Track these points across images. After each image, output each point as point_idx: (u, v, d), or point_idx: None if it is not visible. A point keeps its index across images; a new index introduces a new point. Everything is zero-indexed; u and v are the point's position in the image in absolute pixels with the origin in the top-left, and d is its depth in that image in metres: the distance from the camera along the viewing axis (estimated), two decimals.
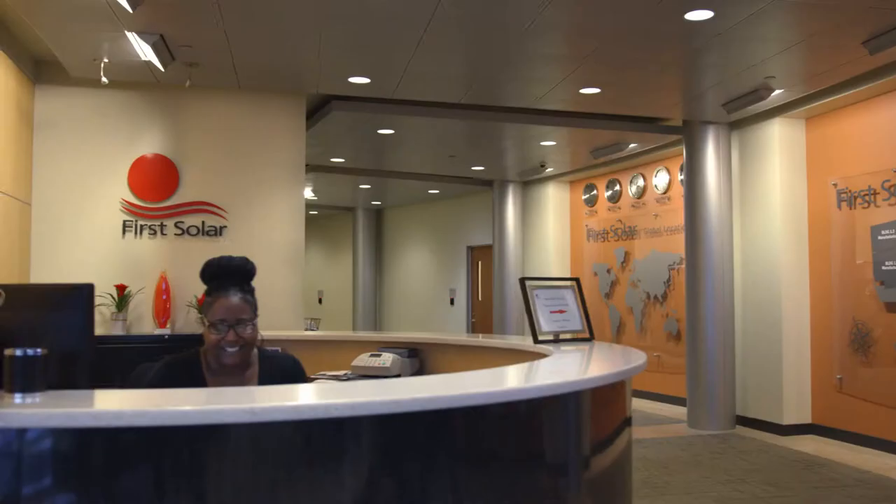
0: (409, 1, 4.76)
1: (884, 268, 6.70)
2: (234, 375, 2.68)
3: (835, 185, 7.30)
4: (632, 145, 8.98)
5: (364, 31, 5.35)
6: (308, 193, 12.62)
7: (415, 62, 5.91)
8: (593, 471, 2.87)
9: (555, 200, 11.43)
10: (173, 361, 2.67)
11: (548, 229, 11.45)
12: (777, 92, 6.82)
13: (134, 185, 6.69)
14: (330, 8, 4.92)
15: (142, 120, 6.77)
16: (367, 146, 9.18)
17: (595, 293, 10.79)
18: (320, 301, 16.03)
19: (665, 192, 9.60)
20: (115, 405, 1.82)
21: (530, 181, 11.61)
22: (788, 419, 7.53)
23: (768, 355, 7.70)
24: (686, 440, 7.42)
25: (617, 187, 10.48)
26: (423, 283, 14.05)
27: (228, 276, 2.68)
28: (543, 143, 9.00)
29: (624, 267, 10.28)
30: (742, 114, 7.71)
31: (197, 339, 6.10)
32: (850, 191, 7.14)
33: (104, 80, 5.87)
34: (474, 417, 2.19)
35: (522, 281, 4.03)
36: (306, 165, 10.08)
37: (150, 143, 6.77)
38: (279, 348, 4.05)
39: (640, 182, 10.05)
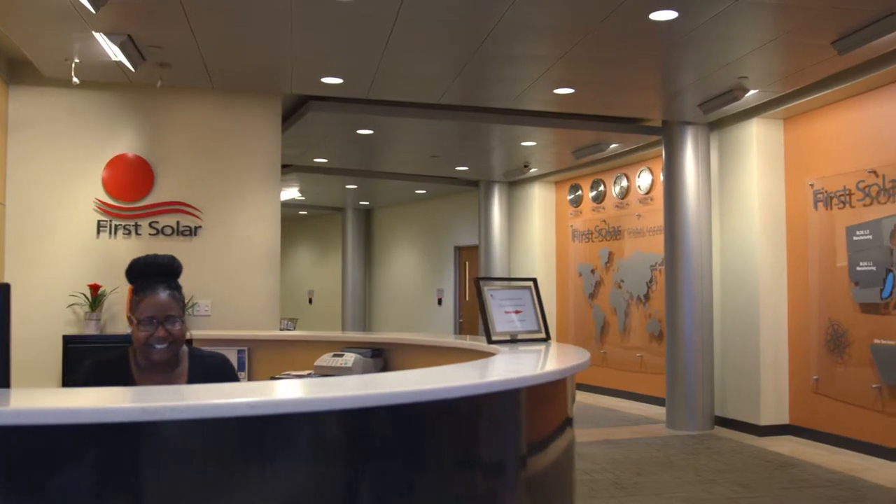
0: (373, 1, 4.76)
1: (858, 268, 6.69)
2: (163, 373, 2.69)
3: (812, 185, 7.30)
4: (613, 145, 8.98)
5: (332, 32, 5.36)
6: (294, 193, 12.65)
7: (385, 63, 5.91)
8: (530, 470, 2.86)
9: (540, 201, 11.43)
10: (103, 360, 2.68)
11: (533, 229, 11.45)
12: (752, 92, 6.82)
13: (108, 185, 6.70)
14: (296, 8, 4.93)
15: (116, 120, 6.78)
16: (348, 146, 9.19)
17: (580, 293, 10.80)
18: (310, 301, 16.04)
19: (648, 193, 9.59)
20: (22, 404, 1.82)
21: (516, 181, 11.61)
22: (766, 420, 7.52)
23: (746, 356, 7.69)
24: (662, 441, 7.42)
25: (601, 188, 10.48)
26: (412, 283, 14.05)
27: (155, 274, 2.70)
28: (525, 144, 9.00)
29: (608, 267, 10.28)
30: (720, 114, 7.71)
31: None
32: (826, 191, 7.13)
33: (75, 80, 5.89)
34: (394, 416, 2.19)
35: (477, 281, 4.03)
36: (289, 166, 10.15)
37: (124, 143, 6.78)
38: (249, 346, 4.06)
39: (624, 182, 10.05)
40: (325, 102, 7.29)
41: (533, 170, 10.70)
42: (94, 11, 4.69)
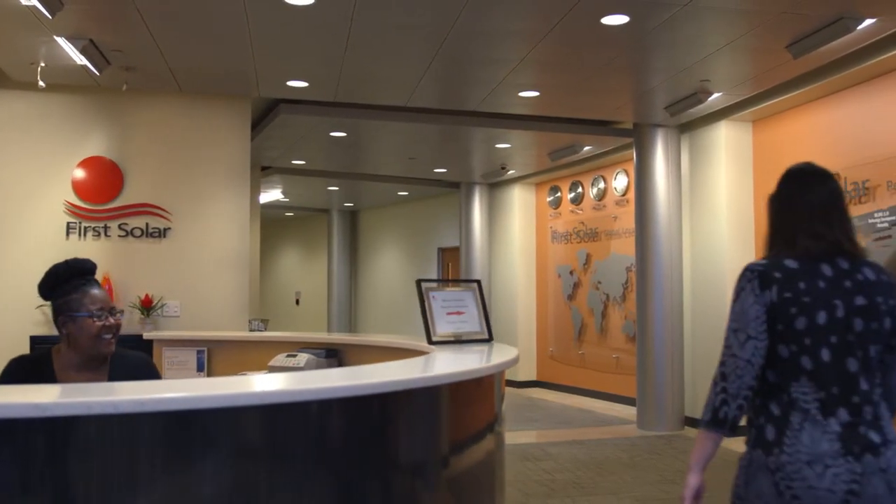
0: (327, 5, 4.82)
1: None
2: (89, 371, 2.75)
3: None
4: (587, 148, 9.03)
5: (290, 37, 5.43)
6: (277, 195, 12.72)
7: (348, 66, 5.98)
8: (449, 469, 2.90)
9: (520, 202, 11.49)
10: (23, 359, 2.74)
11: (513, 231, 11.51)
12: (716, 95, 6.87)
13: (78, 188, 6.76)
14: (251, 14, 4.99)
15: (86, 123, 6.84)
16: (324, 149, 9.25)
17: (559, 295, 10.85)
18: (297, 302, 16.11)
19: (624, 195, 9.64)
20: None
21: (496, 183, 11.67)
22: None
23: (716, 356, 7.71)
24: (630, 441, 7.47)
25: (579, 189, 10.53)
26: (397, 284, 14.11)
27: (87, 273, 2.78)
28: (499, 146, 9.06)
29: (586, 269, 10.34)
30: (690, 116, 7.77)
31: (135, 339, 6.13)
32: None
33: (41, 84, 5.96)
34: (294, 413, 2.24)
35: (419, 283, 4.09)
36: (269, 168, 10.21)
37: (94, 146, 6.84)
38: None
39: (601, 184, 10.11)
40: (295, 105, 7.36)
41: (511, 172, 10.76)
42: (50, 17, 4.77)
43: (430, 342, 3.97)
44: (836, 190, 2.12)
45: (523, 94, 6.75)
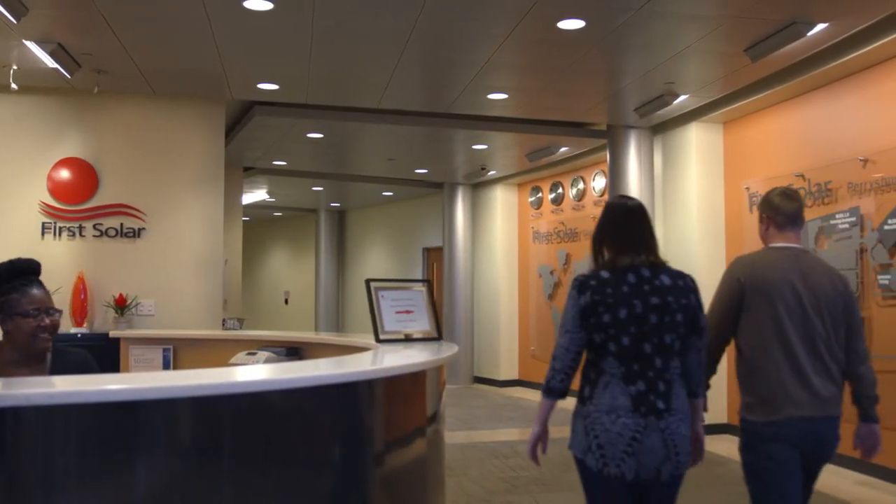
0: (286, 10, 4.91)
1: None
2: (28, 367, 2.84)
3: (747, 188, 7.43)
4: (563, 149, 9.12)
5: (254, 41, 5.52)
6: (263, 195, 12.82)
7: (315, 69, 6.07)
8: (380, 464, 2.96)
9: (503, 203, 11.58)
10: None
11: (496, 231, 11.60)
12: (684, 97, 6.95)
13: (53, 188, 6.87)
14: (213, 19, 5.08)
15: (61, 124, 6.95)
16: (303, 150, 9.34)
17: (540, 295, 10.93)
18: (286, 301, 16.21)
19: (602, 195, 9.72)
20: None
21: (479, 184, 11.76)
22: (707, 419, 7.63)
23: None
24: None
25: (560, 190, 10.62)
26: None
27: (29, 273, 2.87)
28: (476, 147, 9.16)
29: (566, 269, 10.42)
30: (662, 118, 7.85)
31: (101, 337, 6.22)
32: (760, 195, 7.23)
33: (14, 86, 6.06)
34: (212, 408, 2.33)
35: (368, 282, 4.18)
36: (252, 168, 10.30)
37: (69, 147, 6.94)
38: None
39: (581, 185, 10.19)
40: (269, 107, 7.45)
41: (492, 172, 10.85)
42: (15, 22, 4.86)
43: (378, 340, 4.07)
44: (643, 219, 2.75)
45: (492, 96, 6.84)
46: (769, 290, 2.91)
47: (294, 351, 5.10)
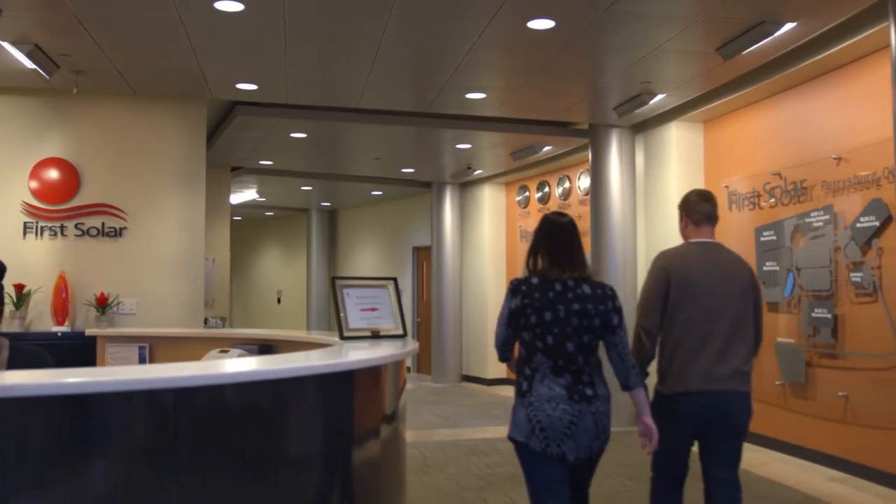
0: (256, 11, 4.96)
1: (765, 268, 6.86)
2: None
3: (727, 187, 7.46)
4: (546, 148, 9.16)
5: (228, 41, 5.56)
6: (252, 195, 12.87)
7: (291, 69, 6.11)
8: (324, 462, 2.99)
9: (490, 202, 11.62)
10: None
11: (484, 230, 11.64)
12: (660, 96, 6.99)
13: (35, 188, 6.92)
14: (186, 21, 5.12)
15: (42, 124, 6.99)
16: (288, 149, 9.38)
17: None
18: (279, 301, 16.27)
19: (587, 194, 9.74)
20: None
21: (467, 183, 11.81)
22: None
23: None
24: None
25: (546, 189, 10.66)
26: None
27: None
28: (459, 146, 9.20)
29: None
30: (643, 116, 7.89)
31: (78, 336, 6.26)
32: (738, 193, 7.30)
33: None
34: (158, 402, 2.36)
35: (333, 280, 4.22)
36: (239, 168, 10.34)
37: (51, 147, 6.99)
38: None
39: (567, 184, 10.23)
40: (251, 107, 7.50)
41: (479, 172, 10.89)
42: None
43: (342, 337, 4.11)
44: (573, 234, 3.11)
45: (470, 95, 6.88)
46: (687, 280, 3.32)
47: (267, 348, 5.14)
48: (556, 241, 3.06)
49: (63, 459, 2.21)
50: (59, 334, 6.51)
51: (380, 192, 13.05)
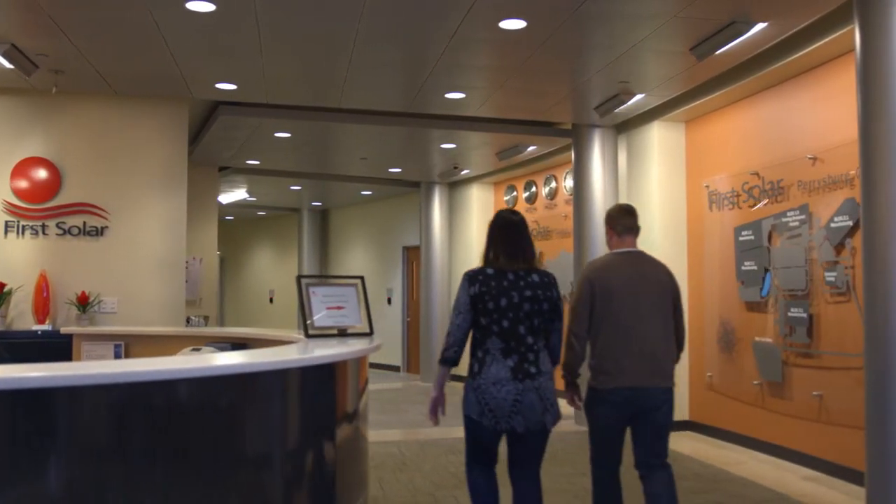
0: (228, 11, 4.98)
1: (743, 268, 6.88)
2: None
3: (707, 186, 7.48)
4: (531, 148, 9.18)
5: (204, 41, 5.59)
6: (242, 195, 12.90)
7: (268, 69, 6.14)
8: (268, 458, 3.01)
9: (479, 202, 11.64)
10: None
11: (472, 230, 11.66)
12: (640, 96, 7.00)
13: (16, 188, 6.95)
14: (160, 21, 5.15)
15: (23, 124, 7.03)
16: (274, 149, 9.40)
17: None
18: (271, 300, 16.30)
19: (573, 194, 9.77)
20: None
21: (455, 183, 11.83)
22: None
23: None
24: (564, 436, 7.59)
25: (533, 189, 10.68)
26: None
27: None
28: (444, 146, 9.21)
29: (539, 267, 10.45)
30: (625, 116, 7.90)
31: (53, 334, 6.27)
32: (718, 193, 7.32)
33: None
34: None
35: (299, 279, 4.26)
36: (227, 168, 10.37)
37: (32, 147, 7.03)
38: None
39: (553, 184, 10.25)
40: (233, 107, 7.52)
41: (466, 171, 10.91)
42: None
43: (307, 335, 4.15)
44: (523, 230, 3.49)
45: (449, 95, 6.90)
46: (611, 287, 3.70)
47: (241, 346, 5.17)
48: (508, 236, 3.44)
49: (9, 456, 2.25)
50: (39, 332, 6.55)
51: (369, 192, 13.07)
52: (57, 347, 5.96)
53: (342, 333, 4.28)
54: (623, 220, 3.89)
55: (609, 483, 3.78)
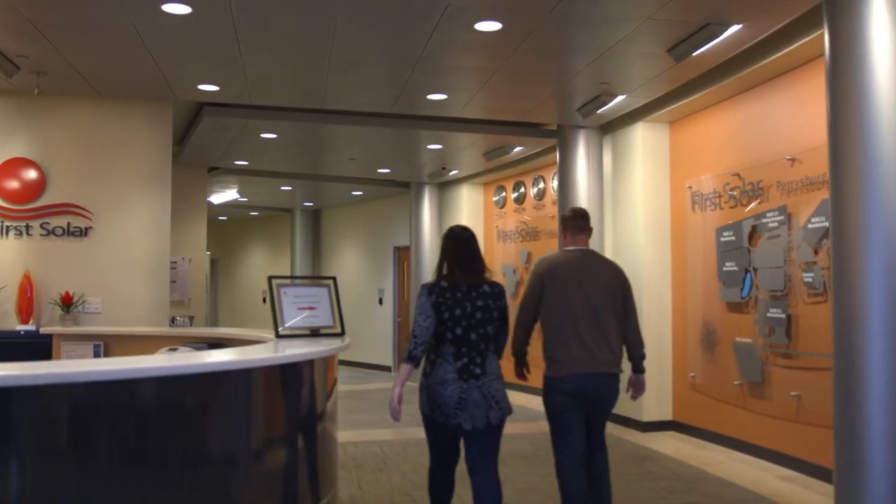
0: (204, 13, 5.00)
1: (724, 268, 6.90)
2: None
3: (690, 187, 7.50)
4: (517, 148, 9.20)
5: (182, 43, 5.61)
6: (234, 195, 12.93)
7: (249, 70, 6.16)
8: (229, 456, 3.04)
9: (468, 202, 11.67)
10: None
11: None
12: (621, 97, 7.02)
13: (1, 189, 6.98)
14: (138, 24, 5.17)
15: (7, 125, 7.06)
16: (262, 150, 9.42)
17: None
18: (264, 300, 16.31)
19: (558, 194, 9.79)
20: None
21: (445, 183, 11.86)
22: (649, 416, 7.72)
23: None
24: (539, 437, 7.61)
25: (522, 189, 10.71)
26: (355, 282, 14.32)
27: None
28: (431, 147, 9.24)
29: (527, 268, 10.49)
30: (609, 116, 7.93)
31: (32, 333, 6.29)
32: (701, 193, 7.34)
33: None
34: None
35: (270, 279, 4.28)
36: (217, 168, 10.40)
37: (16, 147, 7.06)
38: None
39: (541, 184, 10.28)
40: (218, 108, 7.55)
41: (454, 172, 10.94)
42: None
43: (277, 335, 4.17)
44: (472, 244, 3.79)
45: (431, 96, 6.93)
46: (561, 281, 4.02)
47: (217, 346, 5.19)
48: (460, 251, 3.76)
49: None
50: (23, 333, 6.58)
51: (360, 193, 13.10)
52: (37, 348, 5.98)
53: (315, 334, 4.31)
54: (575, 221, 4.20)
55: (571, 466, 4.03)
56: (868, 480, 4.08)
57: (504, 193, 11.15)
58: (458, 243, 3.77)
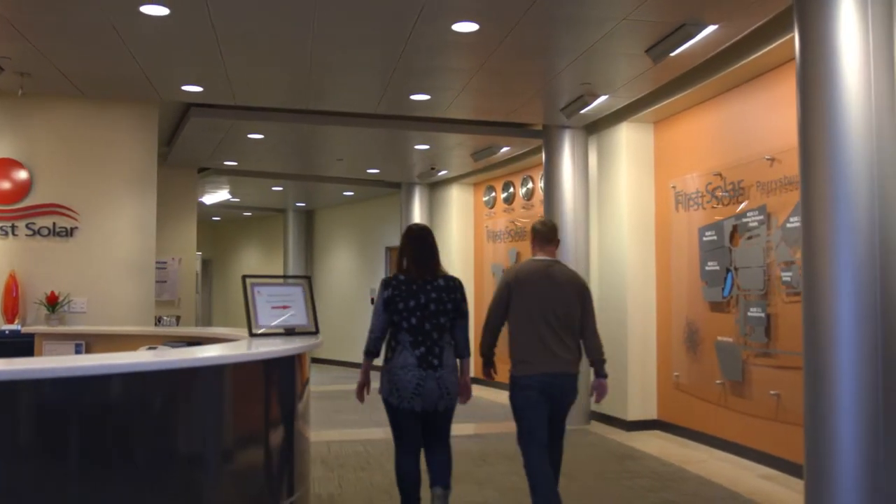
0: (183, 14, 5.04)
1: (707, 268, 6.93)
2: None
3: (673, 187, 7.53)
4: (505, 148, 9.23)
5: (163, 44, 5.64)
6: (225, 195, 12.96)
7: (231, 71, 6.19)
8: (198, 453, 3.06)
9: (458, 202, 11.71)
10: None
11: (452, 231, 11.72)
12: (604, 97, 7.05)
13: None
14: (118, 26, 5.21)
15: None
16: (250, 150, 9.45)
17: (492, 292, 11.03)
18: None
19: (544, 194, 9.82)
20: None
21: (436, 184, 11.89)
22: (633, 415, 7.75)
23: (614, 354, 7.89)
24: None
25: (511, 189, 10.74)
26: (348, 282, 14.36)
27: None
28: (418, 147, 9.27)
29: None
30: (594, 117, 7.96)
31: (14, 333, 6.30)
32: (684, 193, 7.37)
33: None
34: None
35: (244, 278, 4.31)
36: (207, 169, 10.43)
37: (2, 148, 7.10)
38: None
39: (530, 185, 10.31)
40: (203, 108, 7.58)
41: (444, 172, 10.97)
42: None
43: (251, 334, 4.20)
44: (429, 240, 4.15)
45: (414, 97, 6.96)
46: (525, 289, 4.29)
47: (196, 344, 5.22)
48: (417, 248, 4.08)
49: None
50: (7, 332, 6.61)
51: (351, 193, 13.14)
52: (19, 347, 6.02)
53: (289, 332, 4.34)
54: (543, 233, 4.46)
55: (538, 460, 4.23)
56: (837, 476, 4.13)
57: (494, 194, 11.18)
58: (416, 239, 4.11)
